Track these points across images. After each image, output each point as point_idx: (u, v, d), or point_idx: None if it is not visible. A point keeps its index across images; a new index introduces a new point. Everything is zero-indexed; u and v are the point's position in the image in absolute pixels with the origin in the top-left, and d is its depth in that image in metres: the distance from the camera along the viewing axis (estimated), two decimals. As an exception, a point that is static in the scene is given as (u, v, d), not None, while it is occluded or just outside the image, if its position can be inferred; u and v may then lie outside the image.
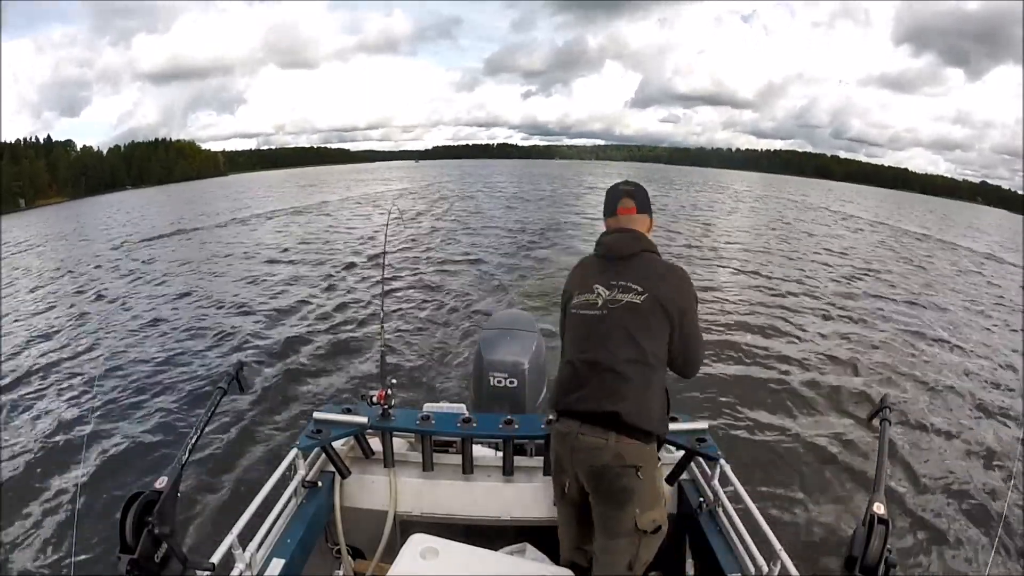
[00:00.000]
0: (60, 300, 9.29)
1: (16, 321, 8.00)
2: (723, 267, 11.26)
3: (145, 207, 31.17)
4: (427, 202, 24.63)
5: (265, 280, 9.80)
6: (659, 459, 1.49)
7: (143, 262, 12.55)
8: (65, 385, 5.46)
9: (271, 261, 11.66)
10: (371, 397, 1.88)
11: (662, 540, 1.45)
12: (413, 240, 13.15)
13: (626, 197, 1.58)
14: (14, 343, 6.87)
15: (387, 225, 2.76)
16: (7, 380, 5.63)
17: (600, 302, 1.45)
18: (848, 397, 5.19)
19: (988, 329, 8.25)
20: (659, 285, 1.43)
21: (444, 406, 2.24)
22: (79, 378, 5.62)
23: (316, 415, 1.86)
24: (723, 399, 4.80)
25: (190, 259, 12.67)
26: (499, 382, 2.40)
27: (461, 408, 2.18)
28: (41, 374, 5.78)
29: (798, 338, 6.82)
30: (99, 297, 9.29)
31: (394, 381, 1.92)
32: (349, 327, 6.85)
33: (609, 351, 1.41)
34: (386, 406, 1.86)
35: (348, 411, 1.87)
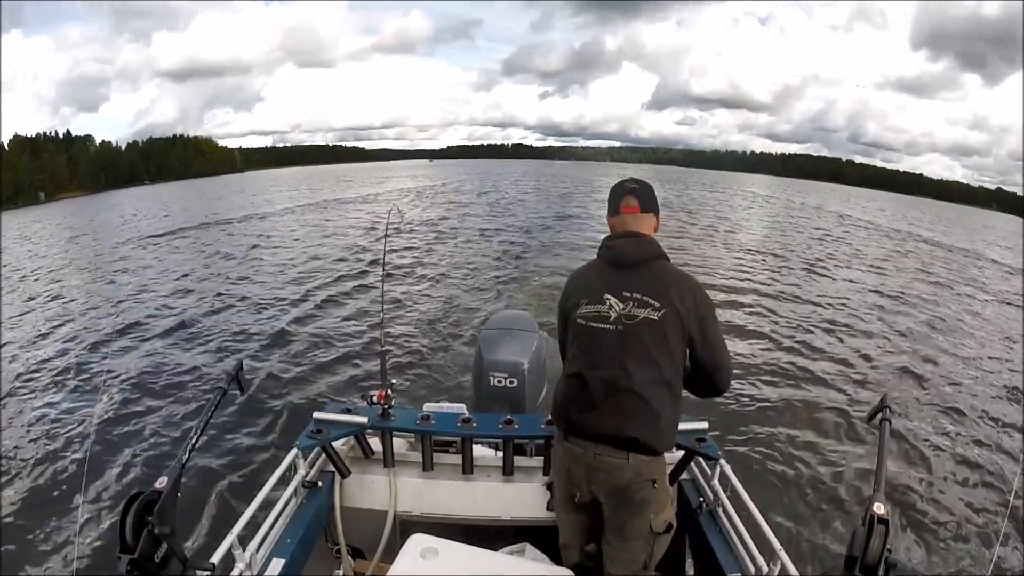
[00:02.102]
0: (66, 295, 9.31)
1: (22, 317, 8.03)
2: (719, 264, 11.27)
3: (171, 201, 31.53)
4: (442, 199, 24.99)
5: (268, 279, 9.81)
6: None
7: (154, 258, 12.66)
8: (65, 385, 5.46)
9: (277, 259, 11.70)
10: (371, 397, 1.88)
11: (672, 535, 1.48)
12: (416, 239, 13.20)
13: (629, 195, 1.48)
14: (16, 341, 6.88)
15: (387, 225, 2.75)
16: (9, 377, 5.64)
17: (613, 315, 1.37)
18: (847, 397, 5.19)
19: (987, 328, 8.25)
20: (674, 297, 1.35)
21: (444, 406, 2.24)
22: (80, 378, 5.62)
23: (316, 415, 1.86)
24: (722, 399, 4.79)
25: (200, 255, 12.74)
26: (499, 382, 2.40)
27: (461, 408, 2.18)
28: (42, 373, 5.78)
29: (797, 338, 6.82)
30: (102, 295, 9.29)
31: (394, 381, 1.92)
32: (350, 327, 6.85)
33: (627, 371, 1.35)
34: (386, 406, 1.86)
35: (348, 411, 1.87)
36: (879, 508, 1.07)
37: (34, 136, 62.29)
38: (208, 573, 1.26)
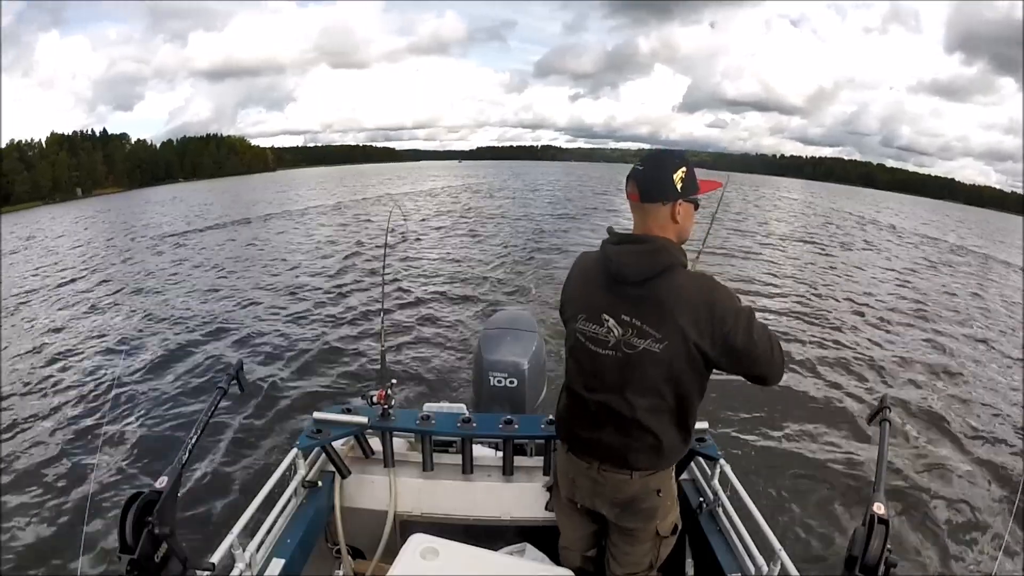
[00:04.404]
0: (76, 294, 9.38)
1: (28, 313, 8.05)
2: (722, 261, 11.26)
3: (204, 200, 31.97)
4: (446, 200, 25.20)
5: (271, 278, 9.83)
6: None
7: (166, 257, 12.73)
8: (68, 382, 5.47)
9: (283, 259, 11.73)
10: (371, 397, 1.87)
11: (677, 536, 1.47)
12: (419, 240, 13.22)
13: (630, 179, 1.25)
14: (19, 340, 6.88)
15: (388, 224, 2.75)
16: (12, 377, 5.64)
17: (612, 340, 1.24)
18: (848, 397, 5.19)
19: (987, 327, 8.24)
20: (684, 324, 1.18)
21: (444, 406, 2.23)
22: (84, 377, 5.63)
23: (316, 415, 1.85)
24: (723, 399, 4.79)
25: (207, 255, 12.77)
26: (499, 382, 2.39)
27: (461, 408, 2.17)
28: (47, 373, 5.79)
29: (797, 339, 6.82)
30: (105, 293, 9.31)
31: (394, 381, 1.92)
32: (350, 326, 6.85)
33: (626, 400, 1.25)
34: (386, 406, 1.85)
35: (348, 411, 1.87)
36: (879, 508, 1.07)
37: (71, 134, 64.11)
38: (208, 573, 1.26)
